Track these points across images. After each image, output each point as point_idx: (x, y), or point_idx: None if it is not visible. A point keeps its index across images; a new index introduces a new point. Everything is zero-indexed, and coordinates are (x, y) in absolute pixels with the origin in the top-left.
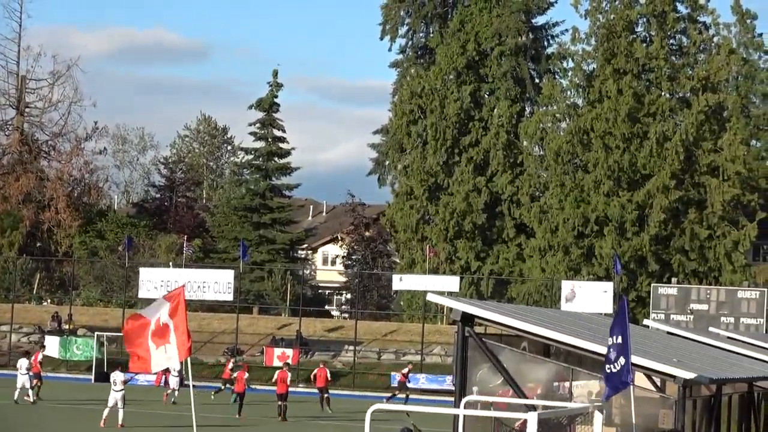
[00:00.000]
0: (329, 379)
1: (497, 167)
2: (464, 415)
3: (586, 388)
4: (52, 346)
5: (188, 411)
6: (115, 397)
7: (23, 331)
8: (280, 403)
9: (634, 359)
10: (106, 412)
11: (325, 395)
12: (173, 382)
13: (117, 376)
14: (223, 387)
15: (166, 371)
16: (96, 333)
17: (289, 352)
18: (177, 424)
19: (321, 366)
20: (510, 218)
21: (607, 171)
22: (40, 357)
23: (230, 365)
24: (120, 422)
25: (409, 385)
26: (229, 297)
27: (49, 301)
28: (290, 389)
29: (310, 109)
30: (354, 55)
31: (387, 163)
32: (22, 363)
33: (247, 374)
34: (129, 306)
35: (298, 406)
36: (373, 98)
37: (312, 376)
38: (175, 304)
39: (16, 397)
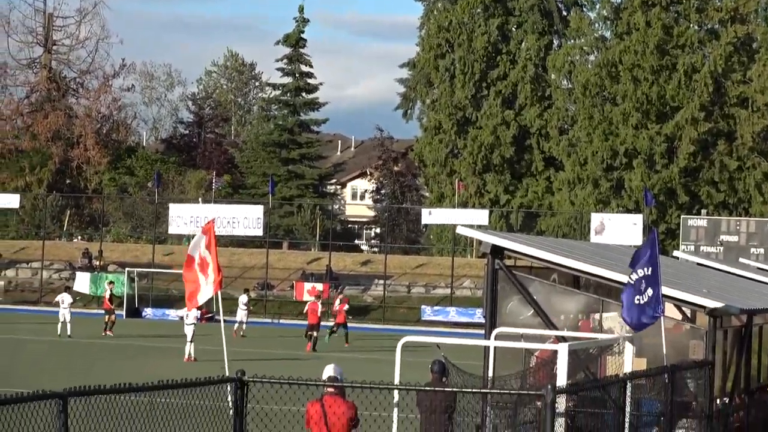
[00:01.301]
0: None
1: (525, 100)
2: (495, 347)
3: (617, 320)
4: (83, 282)
5: (258, 346)
6: (186, 331)
7: (54, 267)
8: (310, 333)
9: (664, 290)
10: (187, 347)
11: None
12: (242, 314)
13: (241, 299)
14: (335, 329)
15: (201, 308)
16: (126, 269)
17: (319, 286)
18: (240, 358)
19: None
20: (539, 151)
21: (636, 103)
22: (108, 294)
23: (337, 302)
24: (192, 356)
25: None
26: (259, 232)
27: (79, 237)
28: (321, 323)
29: (337, 44)
30: None
31: (414, 97)
32: (64, 298)
33: (347, 306)
34: (159, 242)
35: (331, 338)
36: (400, 33)
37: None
38: (207, 237)
39: (59, 333)
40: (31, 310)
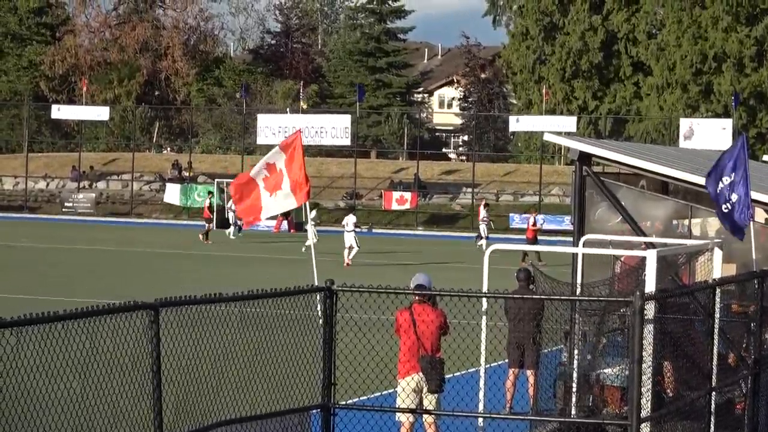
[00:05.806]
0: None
1: (613, 5)
2: (583, 254)
3: (706, 225)
4: (173, 193)
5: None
6: (348, 238)
7: (144, 179)
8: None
9: (754, 195)
10: (346, 252)
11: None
12: (483, 228)
13: (349, 219)
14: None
15: (287, 215)
16: (216, 180)
17: (408, 195)
18: (330, 267)
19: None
20: (627, 56)
21: (725, 6)
22: (208, 203)
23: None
24: (347, 261)
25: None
26: (347, 142)
27: (168, 149)
28: (409, 232)
29: None
30: None
31: (501, 3)
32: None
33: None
34: (248, 153)
35: (419, 248)
36: None
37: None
38: (291, 149)
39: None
40: (122, 221)
